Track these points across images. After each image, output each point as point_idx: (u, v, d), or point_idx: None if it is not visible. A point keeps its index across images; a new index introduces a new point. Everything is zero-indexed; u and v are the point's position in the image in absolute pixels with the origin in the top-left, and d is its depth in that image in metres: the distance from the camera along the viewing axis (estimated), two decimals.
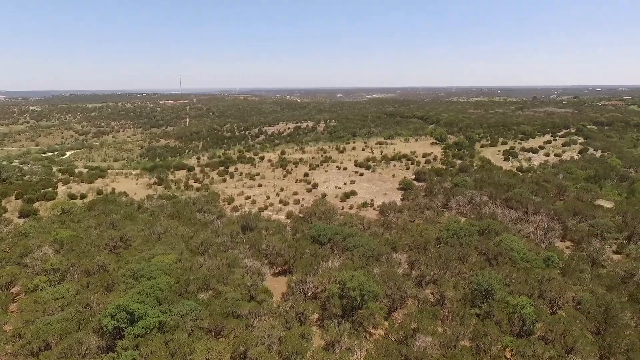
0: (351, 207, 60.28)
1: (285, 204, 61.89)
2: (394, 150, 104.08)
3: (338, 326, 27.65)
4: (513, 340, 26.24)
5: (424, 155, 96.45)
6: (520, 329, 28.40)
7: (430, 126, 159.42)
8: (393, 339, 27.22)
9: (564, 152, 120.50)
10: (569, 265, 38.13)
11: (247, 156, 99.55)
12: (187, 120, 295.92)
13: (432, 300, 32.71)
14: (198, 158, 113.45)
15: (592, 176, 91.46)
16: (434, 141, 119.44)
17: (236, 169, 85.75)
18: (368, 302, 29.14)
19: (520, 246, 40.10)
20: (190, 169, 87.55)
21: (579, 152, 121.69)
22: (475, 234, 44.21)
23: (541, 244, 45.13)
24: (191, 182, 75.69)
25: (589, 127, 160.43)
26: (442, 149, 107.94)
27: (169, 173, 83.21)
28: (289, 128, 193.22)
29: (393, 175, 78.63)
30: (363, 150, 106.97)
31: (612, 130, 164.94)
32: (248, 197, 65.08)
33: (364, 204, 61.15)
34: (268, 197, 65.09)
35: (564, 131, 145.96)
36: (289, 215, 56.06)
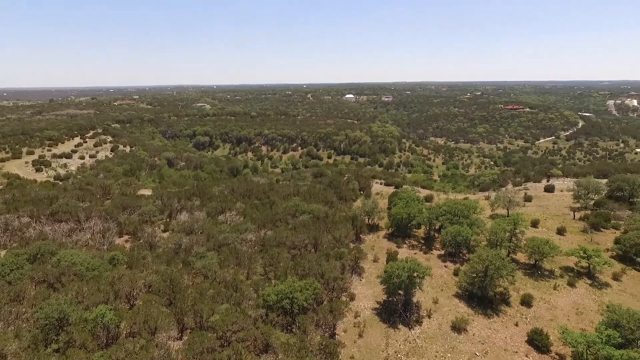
0: None
1: None
2: None
3: None
4: (104, 354, 25.33)
5: None
6: (107, 337, 27.82)
7: None
8: None
9: (97, 152, 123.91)
10: (132, 257, 40.75)
11: None
12: None
13: None
14: None
15: (129, 170, 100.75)
16: None
17: None
18: None
19: (83, 257, 38.24)
20: None
21: (112, 150, 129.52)
22: (25, 264, 37.54)
23: (102, 246, 45.14)
24: None
25: (113, 125, 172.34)
26: None
27: None
28: None
29: None
30: None
31: (132, 127, 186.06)
32: None
33: None
34: None
35: (92, 132, 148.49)
36: None
